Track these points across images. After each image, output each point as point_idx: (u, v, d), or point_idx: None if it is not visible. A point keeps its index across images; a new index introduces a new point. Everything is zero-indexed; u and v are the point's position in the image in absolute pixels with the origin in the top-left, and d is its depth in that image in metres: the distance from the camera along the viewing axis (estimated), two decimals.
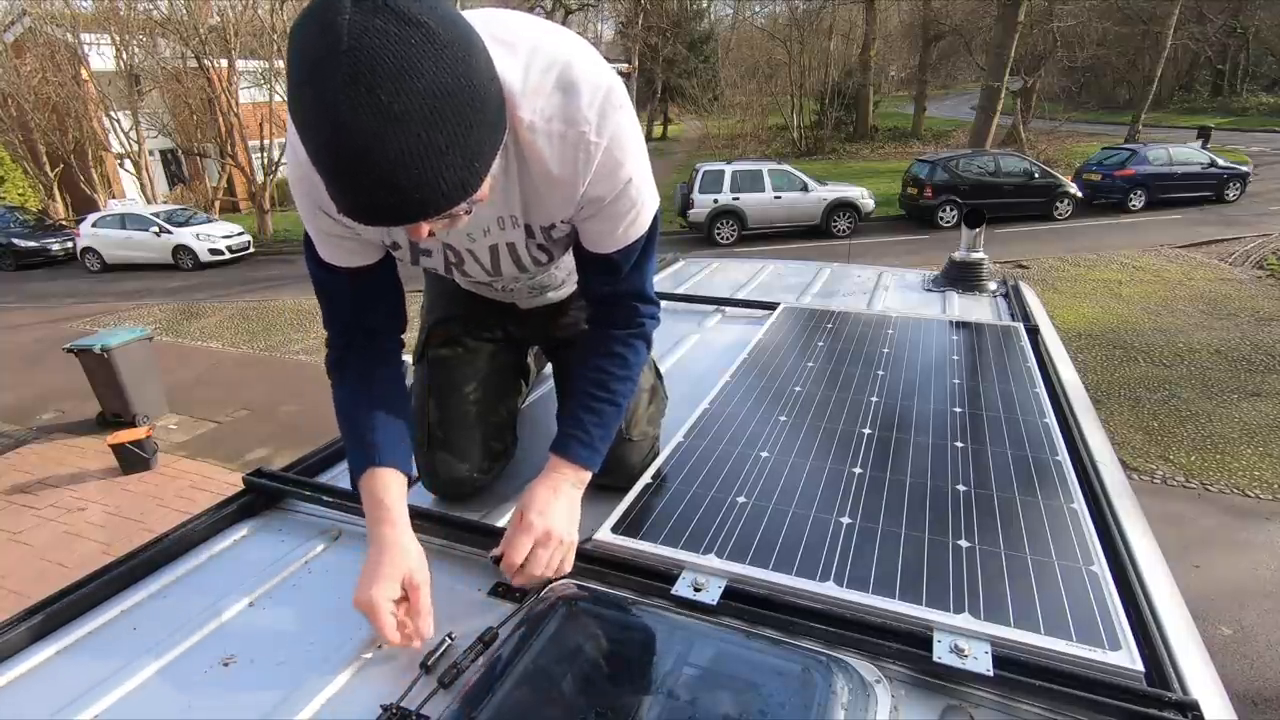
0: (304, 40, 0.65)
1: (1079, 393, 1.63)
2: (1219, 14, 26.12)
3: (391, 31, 0.63)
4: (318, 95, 0.64)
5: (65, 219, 18.17)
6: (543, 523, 0.95)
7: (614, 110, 0.89)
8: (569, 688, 0.84)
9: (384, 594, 0.87)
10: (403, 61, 0.63)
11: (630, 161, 0.93)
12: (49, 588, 1.00)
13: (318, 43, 0.63)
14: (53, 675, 0.90)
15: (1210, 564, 4.08)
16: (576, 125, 0.87)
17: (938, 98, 36.33)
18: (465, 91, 0.68)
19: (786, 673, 0.84)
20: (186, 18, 16.63)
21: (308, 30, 0.64)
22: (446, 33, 0.66)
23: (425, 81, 0.64)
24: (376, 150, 0.65)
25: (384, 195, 0.69)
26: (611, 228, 1.00)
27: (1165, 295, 9.21)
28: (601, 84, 0.88)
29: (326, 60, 0.63)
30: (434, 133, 0.67)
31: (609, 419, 1.07)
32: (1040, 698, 0.79)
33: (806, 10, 26.90)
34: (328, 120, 0.65)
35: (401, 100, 0.64)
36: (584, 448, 1.04)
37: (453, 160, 0.70)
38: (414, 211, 0.72)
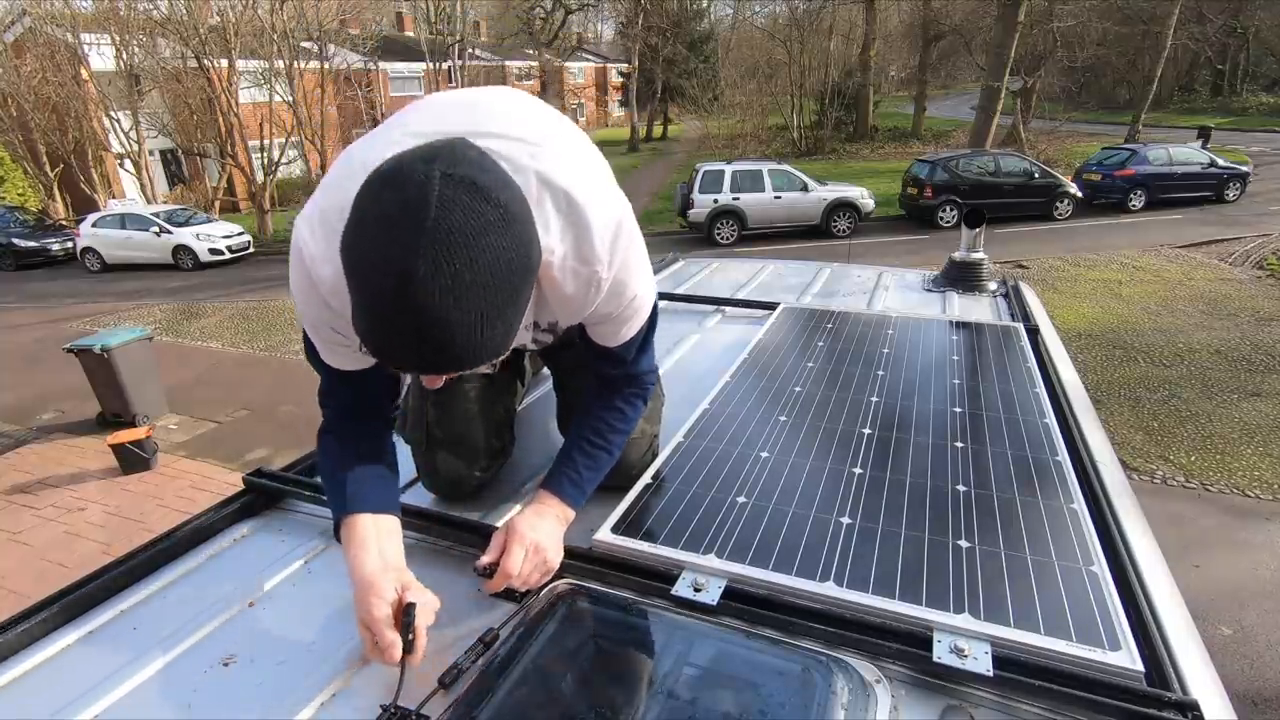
0: (387, 197, 0.68)
1: (1079, 393, 1.63)
2: (1219, 14, 26.13)
3: (475, 208, 0.67)
4: (392, 253, 0.66)
5: (65, 219, 18.16)
6: (534, 536, 0.96)
7: (624, 243, 0.93)
8: (569, 688, 0.84)
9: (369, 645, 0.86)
10: (480, 238, 0.67)
11: (635, 280, 0.99)
12: (49, 588, 1.00)
13: (403, 204, 0.67)
14: (53, 675, 0.90)
15: (1210, 564, 4.08)
16: (590, 264, 0.90)
17: (938, 98, 36.33)
18: (522, 270, 0.73)
19: (786, 673, 0.84)
20: (186, 18, 16.63)
21: (394, 188, 0.68)
22: (516, 213, 0.72)
23: (493, 257, 0.68)
24: (437, 315, 0.68)
25: (428, 352, 0.71)
26: (615, 329, 1.06)
27: (1165, 295, 9.21)
28: (612, 218, 0.91)
29: (410, 224, 0.66)
30: (491, 306, 0.70)
31: (601, 464, 1.11)
32: (1040, 698, 0.79)
33: (806, 10, 26.89)
34: (397, 276, 0.66)
35: (471, 273, 0.67)
36: (573, 486, 1.08)
37: (498, 330, 0.73)
38: (449, 368, 0.75)
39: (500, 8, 35.57)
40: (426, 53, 24.67)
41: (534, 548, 0.95)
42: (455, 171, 0.68)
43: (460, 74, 24.72)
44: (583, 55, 42.65)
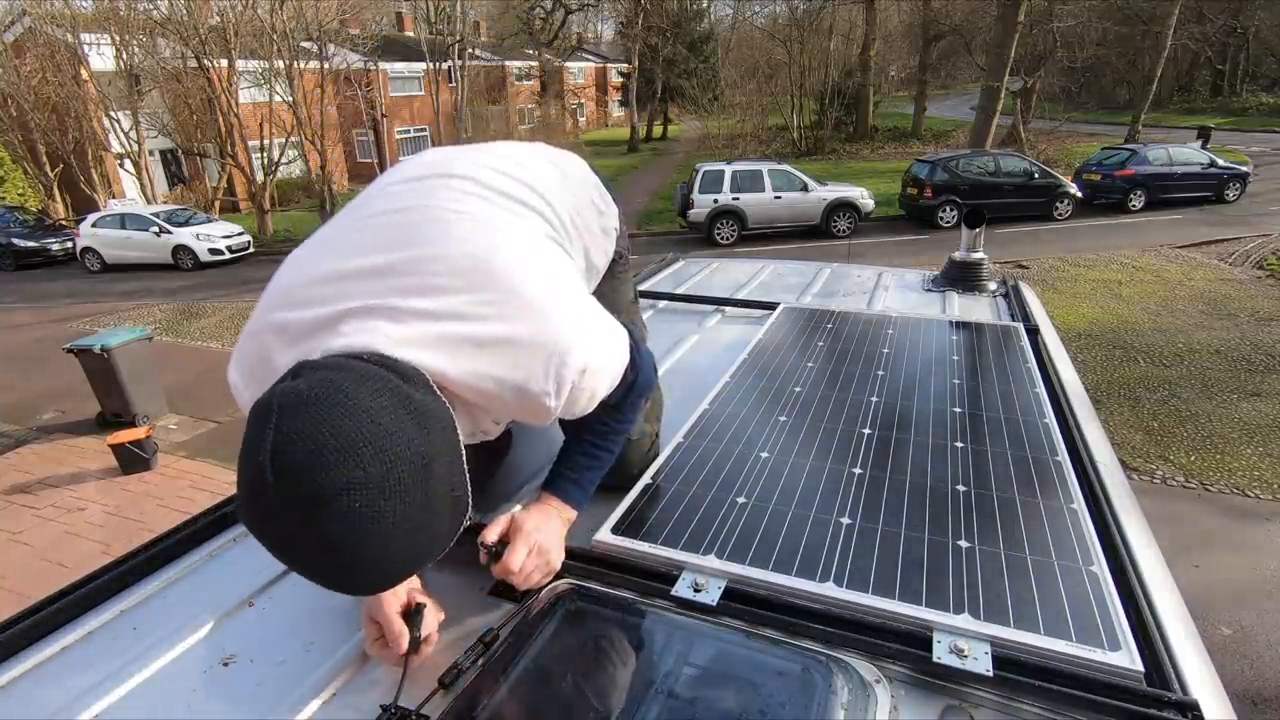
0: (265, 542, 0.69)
1: (1079, 393, 1.63)
2: (1219, 14, 26.12)
3: (331, 516, 0.64)
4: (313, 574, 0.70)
5: (65, 219, 18.16)
6: (538, 536, 0.96)
7: (569, 373, 0.85)
8: (569, 688, 0.84)
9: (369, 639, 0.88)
10: (355, 528, 0.65)
11: (597, 386, 0.92)
12: (49, 588, 1.01)
13: (280, 550, 0.69)
14: (53, 675, 0.90)
15: (1210, 564, 4.08)
16: (534, 399, 0.86)
17: (938, 98, 36.32)
18: (420, 489, 0.69)
19: (786, 673, 0.84)
20: (186, 18, 16.64)
21: (263, 537, 0.68)
22: (374, 465, 0.66)
23: (382, 523, 0.66)
24: (382, 580, 0.72)
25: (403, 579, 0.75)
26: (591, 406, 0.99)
27: (1165, 295, 9.21)
28: (554, 355, 0.84)
29: (298, 559, 0.69)
30: (418, 538, 0.71)
31: (601, 464, 1.10)
32: (1040, 698, 0.79)
33: (806, 10, 26.89)
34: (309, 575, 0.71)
35: (368, 546, 0.67)
36: (575, 488, 1.07)
37: (440, 528, 0.74)
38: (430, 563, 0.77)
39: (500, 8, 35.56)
40: (426, 53, 24.66)
41: (538, 548, 0.95)
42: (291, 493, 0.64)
43: (460, 74, 24.71)
44: (583, 55, 42.64)
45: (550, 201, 1.06)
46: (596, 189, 1.24)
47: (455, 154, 1.06)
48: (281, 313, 0.85)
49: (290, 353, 0.80)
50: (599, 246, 1.24)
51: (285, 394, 0.68)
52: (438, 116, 24.73)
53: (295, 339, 0.82)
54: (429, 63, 24.70)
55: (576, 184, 1.18)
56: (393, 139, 26.81)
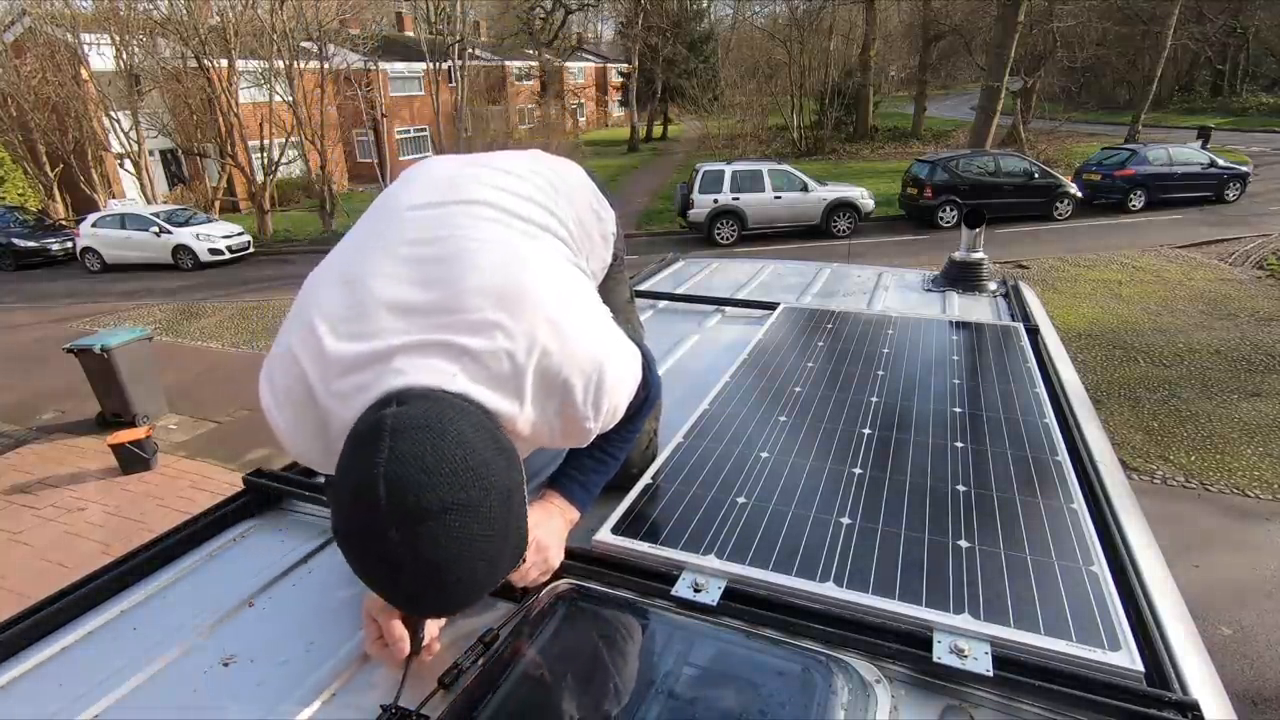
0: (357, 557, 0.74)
1: (1079, 393, 1.63)
2: (1219, 14, 26.12)
3: (433, 533, 0.70)
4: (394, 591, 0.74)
5: (65, 219, 18.17)
6: (537, 534, 0.96)
7: (606, 395, 0.92)
8: (569, 688, 0.84)
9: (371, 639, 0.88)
10: (450, 549, 0.71)
11: (618, 399, 0.97)
12: (49, 588, 1.01)
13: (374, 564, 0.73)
14: (53, 675, 0.90)
15: (1210, 564, 4.08)
16: (576, 424, 0.92)
17: (938, 98, 36.32)
18: (502, 519, 0.75)
19: (786, 673, 0.84)
20: (186, 18, 16.64)
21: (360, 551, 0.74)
22: (473, 489, 0.72)
23: (472, 546, 0.72)
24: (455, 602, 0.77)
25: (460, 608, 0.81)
26: None
27: (1165, 295, 9.21)
28: (592, 376, 0.90)
29: (389, 574, 0.72)
30: (492, 568, 0.76)
31: (607, 468, 1.12)
32: (1040, 698, 0.79)
33: (806, 10, 26.89)
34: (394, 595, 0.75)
35: (459, 568, 0.72)
36: (581, 489, 1.09)
37: (508, 560, 0.79)
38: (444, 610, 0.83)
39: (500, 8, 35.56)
40: (426, 53, 24.65)
41: (536, 546, 0.95)
42: (400, 509, 0.69)
43: (460, 74, 24.71)
44: (583, 55, 42.64)
45: (561, 218, 1.08)
46: (594, 195, 1.25)
47: (466, 173, 1.05)
48: (318, 341, 0.85)
49: (339, 384, 0.82)
50: (598, 255, 1.25)
51: (398, 418, 0.73)
52: (438, 116, 24.73)
53: (343, 372, 0.83)
54: (429, 63, 24.69)
55: (577, 192, 1.19)
56: (393, 139, 26.81)
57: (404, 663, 0.83)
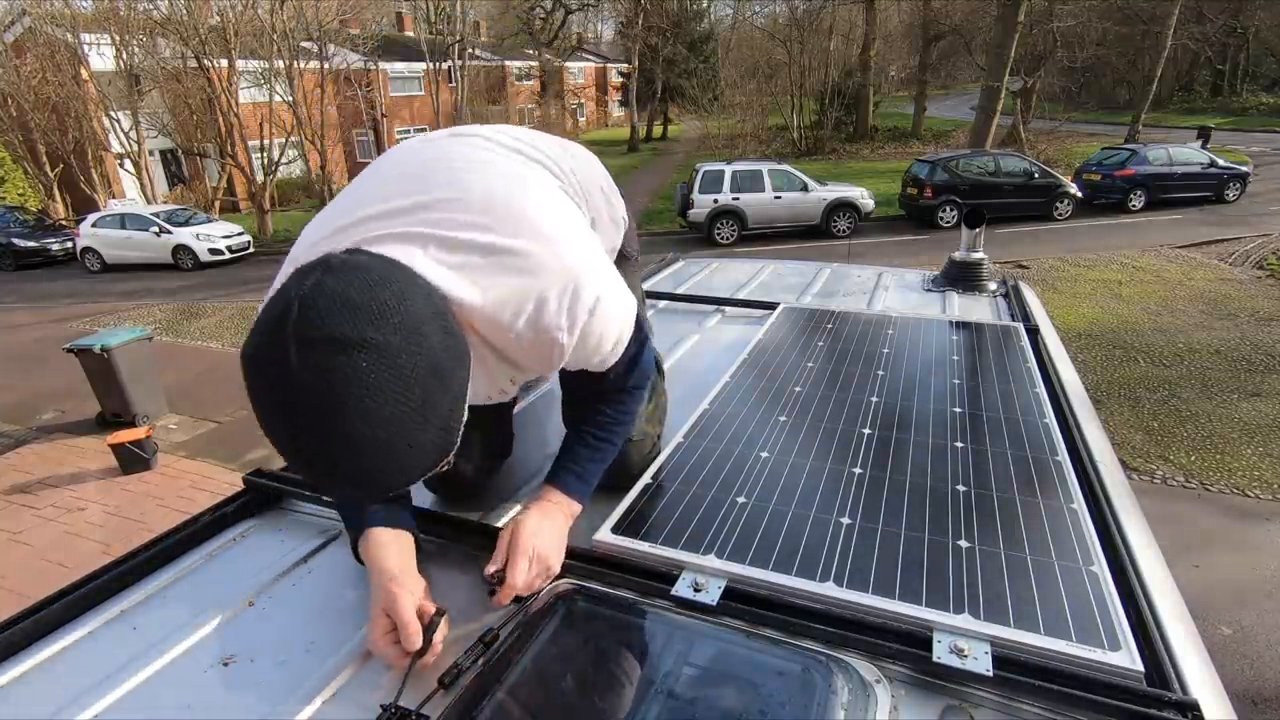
0: (258, 389, 0.68)
1: (1079, 393, 1.63)
2: (1219, 14, 26.11)
3: (339, 365, 0.64)
4: (280, 434, 0.68)
5: (65, 219, 18.17)
6: (535, 543, 0.95)
7: (583, 310, 0.88)
8: (569, 688, 0.84)
9: (378, 631, 0.86)
10: (355, 387, 0.64)
11: (607, 331, 0.94)
12: (49, 588, 1.00)
13: (269, 391, 0.67)
14: (53, 675, 0.90)
15: (1210, 564, 4.08)
16: (547, 333, 0.88)
17: (938, 98, 36.32)
18: (424, 381, 0.69)
19: (786, 673, 0.84)
20: (186, 18, 16.64)
21: (259, 378, 0.67)
22: (394, 334, 0.67)
23: (383, 396, 0.66)
24: (354, 466, 0.68)
25: (373, 489, 0.73)
26: (598, 363, 1.01)
27: (1165, 295, 9.21)
28: (569, 287, 0.87)
29: (278, 406, 0.67)
30: (404, 434, 0.69)
31: (604, 456, 1.10)
32: (1040, 698, 0.79)
33: (806, 10, 26.89)
34: (297, 453, 0.69)
35: (365, 422, 0.65)
36: (579, 481, 1.06)
37: (429, 440, 0.72)
38: (404, 485, 0.76)
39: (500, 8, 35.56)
40: (426, 53, 24.66)
41: (536, 557, 0.95)
42: (309, 335, 0.64)
43: (460, 74, 24.71)
44: (583, 55, 42.64)
45: (559, 164, 1.09)
46: (605, 179, 1.26)
47: (463, 127, 1.09)
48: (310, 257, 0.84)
49: None
50: (607, 232, 1.26)
51: (338, 257, 0.71)
52: (438, 116, 24.73)
53: None
54: (429, 63, 24.70)
55: (583, 164, 1.19)
56: (393, 139, 26.80)
57: (403, 662, 0.83)
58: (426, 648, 0.84)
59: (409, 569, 0.93)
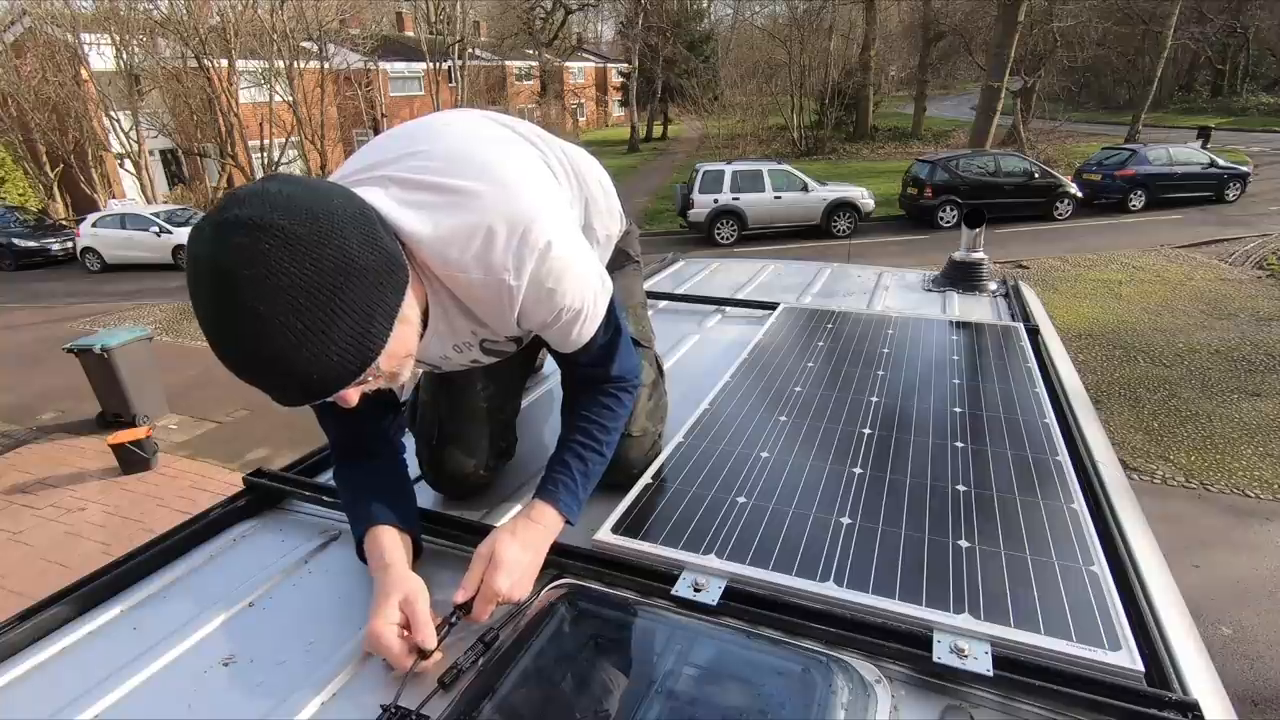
0: (186, 259, 0.73)
1: (1079, 393, 1.63)
2: (1219, 14, 26.10)
3: (244, 243, 0.68)
4: (195, 304, 0.72)
5: (65, 219, 18.16)
6: (509, 583, 0.92)
7: (531, 252, 0.89)
8: (569, 688, 0.84)
9: (385, 622, 0.86)
10: (258, 266, 0.68)
11: (562, 285, 0.93)
12: (49, 588, 1.00)
13: (189, 262, 0.72)
14: (53, 675, 0.90)
15: (1210, 564, 4.08)
16: (494, 273, 0.89)
17: (938, 98, 36.33)
18: (331, 274, 0.71)
19: (786, 673, 0.84)
20: (186, 18, 16.64)
21: (187, 249, 0.73)
22: (304, 228, 0.71)
23: (284, 277, 0.69)
24: (257, 348, 0.71)
25: (285, 384, 0.75)
26: (564, 335, 1.02)
27: (1165, 295, 9.20)
28: (518, 226, 0.88)
29: (194, 278, 0.71)
30: (305, 319, 0.71)
31: (593, 466, 1.08)
32: (1040, 698, 0.79)
33: (806, 10, 26.89)
34: (211, 333, 0.72)
35: (264, 300, 0.69)
36: (568, 494, 1.04)
37: (336, 336, 0.73)
38: (319, 390, 0.77)
39: (500, 8, 35.54)
40: (426, 53, 24.65)
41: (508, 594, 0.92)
42: (224, 217, 0.70)
43: (460, 74, 24.70)
44: (583, 55, 42.63)
45: (549, 145, 1.11)
46: (603, 175, 1.28)
47: None
48: None
49: None
50: (603, 219, 1.28)
51: (279, 173, 0.75)
52: None
53: None
54: (429, 63, 24.70)
55: (577, 157, 1.20)
56: None
57: (411, 662, 0.83)
58: (429, 650, 0.84)
59: (408, 574, 0.94)
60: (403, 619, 0.87)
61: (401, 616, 0.87)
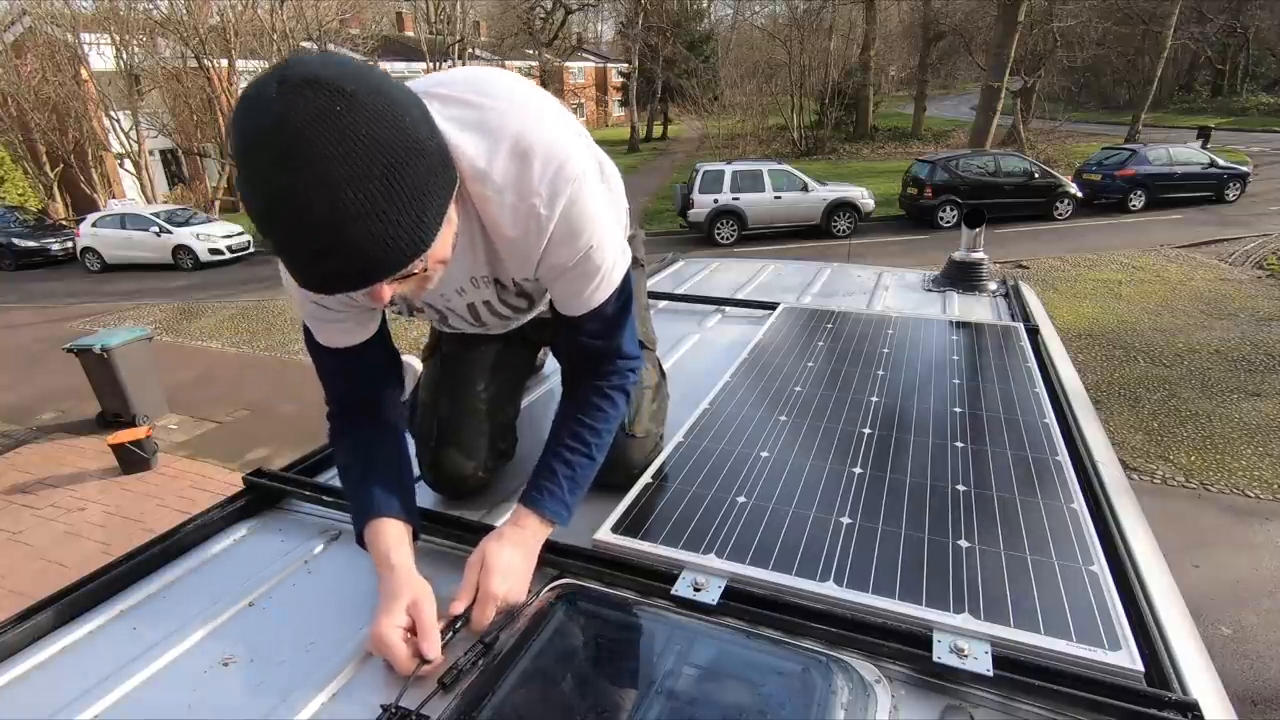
0: (240, 123, 0.68)
1: (1079, 393, 1.63)
2: (1219, 14, 26.11)
3: (316, 103, 0.66)
4: (254, 171, 0.67)
5: (65, 219, 18.17)
6: (505, 587, 0.92)
7: (566, 183, 0.89)
8: (569, 688, 0.84)
9: (391, 624, 0.86)
10: (327, 129, 0.66)
11: (589, 229, 0.94)
12: (49, 588, 1.00)
13: (249, 122, 0.67)
14: (53, 675, 0.90)
15: (1210, 564, 4.08)
16: (527, 198, 0.88)
17: (938, 98, 36.33)
18: (396, 148, 0.70)
19: (786, 673, 0.84)
20: (186, 18, 16.65)
21: (242, 112, 0.68)
22: (371, 98, 0.69)
23: (351, 144, 0.67)
24: (313, 214, 0.67)
25: (333, 261, 0.71)
26: (577, 290, 1.00)
27: (1165, 295, 9.20)
28: (555, 156, 0.88)
29: (257, 137, 0.66)
30: (369, 190, 0.68)
31: (582, 471, 1.05)
32: (1040, 698, 0.79)
33: (806, 10, 26.88)
34: (263, 193, 0.68)
35: (334, 165, 0.66)
36: (554, 501, 1.02)
37: (395, 216, 0.71)
38: (368, 272, 0.73)
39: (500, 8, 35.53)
40: (426, 53, 24.64)
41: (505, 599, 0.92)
42: (290, 76, 0.67)
43: None
44: (583, 55, 42.63)
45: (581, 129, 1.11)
46: (619, 177, 1.26)
47: None
48: None
49: None
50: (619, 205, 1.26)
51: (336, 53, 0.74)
52: None
53: None
54: (429, 63, 24.68)
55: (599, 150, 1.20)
56: None
57: (414, 665, 0.83)
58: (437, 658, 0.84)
59: (412, 576, 0.93)
60: (408, 623, 0.87)
61: (407, 620, 0.87)
